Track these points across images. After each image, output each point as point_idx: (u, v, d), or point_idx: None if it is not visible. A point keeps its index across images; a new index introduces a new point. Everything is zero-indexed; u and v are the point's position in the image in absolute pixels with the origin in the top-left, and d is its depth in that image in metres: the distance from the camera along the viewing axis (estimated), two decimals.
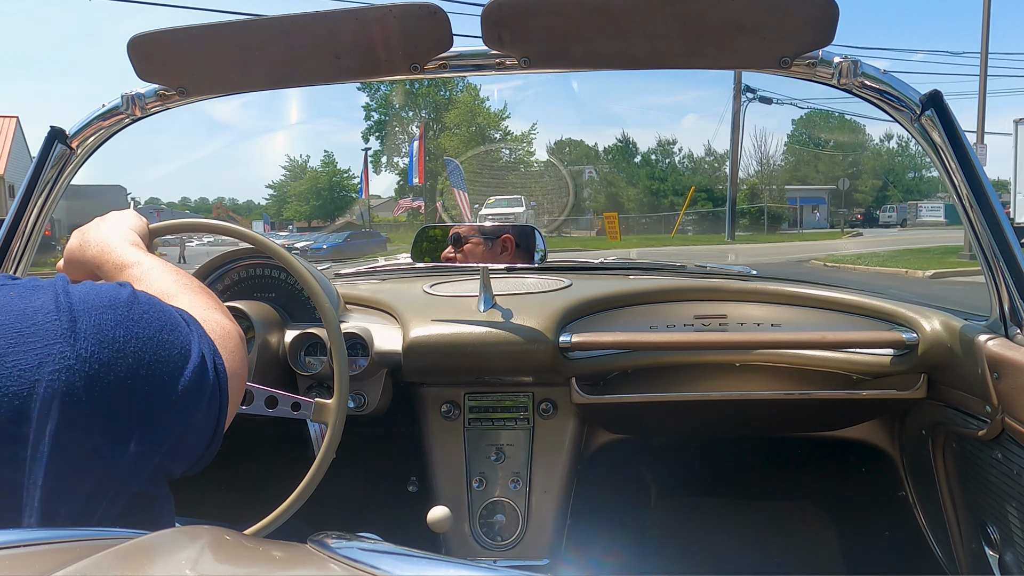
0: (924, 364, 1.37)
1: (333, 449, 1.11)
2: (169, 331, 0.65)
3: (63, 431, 0.55)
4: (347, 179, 51.81)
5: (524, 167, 41.40)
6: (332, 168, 52.19)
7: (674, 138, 47.82)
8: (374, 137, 45.18)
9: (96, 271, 0.90)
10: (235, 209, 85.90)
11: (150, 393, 0.60)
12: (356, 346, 1.46)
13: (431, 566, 0.47)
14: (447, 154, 35.99)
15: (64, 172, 1.37)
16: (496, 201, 28.55)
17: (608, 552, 1.77)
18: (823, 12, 1.09)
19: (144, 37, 1.22)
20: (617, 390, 1.58)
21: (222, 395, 0.68)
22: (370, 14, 1.16)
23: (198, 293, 0.84)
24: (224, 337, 0.74)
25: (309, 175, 52.07)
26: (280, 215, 56.03)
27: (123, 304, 0.63)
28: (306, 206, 51.71)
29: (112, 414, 0.58)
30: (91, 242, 0.93)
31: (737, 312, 1.58)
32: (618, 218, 19.85)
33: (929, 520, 1.64)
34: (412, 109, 44.12)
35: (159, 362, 0.62)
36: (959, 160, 1.15)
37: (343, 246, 28.38)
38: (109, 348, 0.59)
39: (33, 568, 0.39)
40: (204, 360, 0.66)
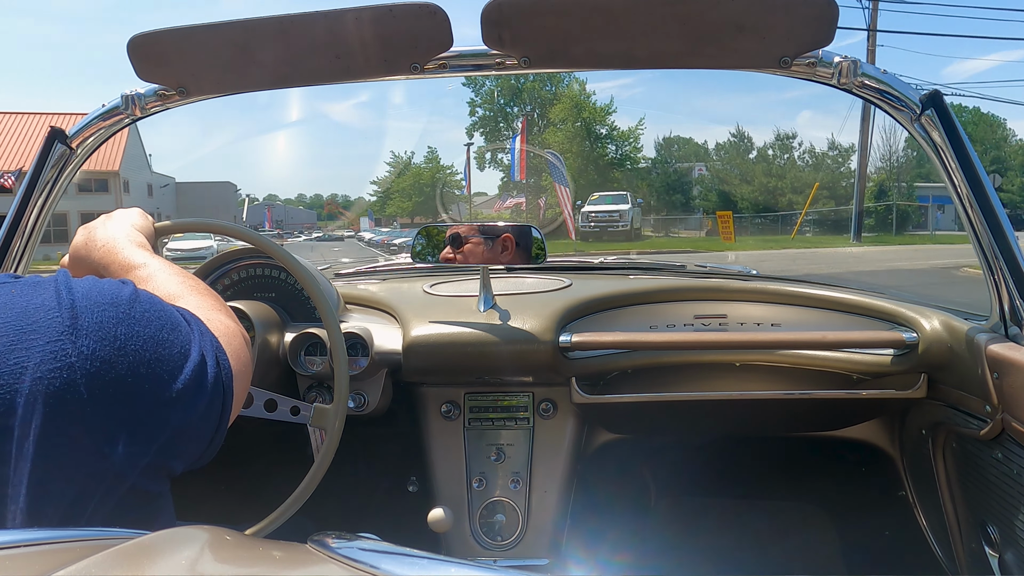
0: (924, 364, 1.37)
1: (333, 449, 1.11)
2: (170, 330, 0.65)
3: (63, 426, 0.56)
4: (450, 175, 51.08)
5: (630, 163, 39.49)
6: (435, 164, 51.55)
7: (793, 131, 44.06)
8: (479, 133, 44.38)
9: (102, 271, 0.90)
10: (345, 205, 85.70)
11: (150, 391, 0.60)
12: (356, 346, 1.46)
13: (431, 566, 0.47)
14: (551, 149, 34.89)
15: (64, 172, 1.37)
16: (600, 197, 27.07)
17: (608, 552, 1.77)
18: (823, 12, 1.09)
19: (144, 37, 1.22)
20: (617, 390, 1.58)
21: (225, 392, 0.68)
22: (370, 14, 1.16)
23: (203, 295, 0.84)
24: (228, 336, 0.74)
25: (412, 171, 51.44)
26: (383, 211, 55.81)
27: (125, 302, 0.63)
28: (408, 202, 51.10)
29: (111, 410, 0.58)
30: (98, 241, 0.92)
31: (737, 312, 1.58)
32: (732, 217, 18.33)
33: (929, 520, 1.64)
34: (517, 104, 42.98)
35: (159, 360, 0.62)
36: (959, 160, 1.15)
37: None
38: (110, 346, 0.59)
39: (33, 568, 0.39)
40: (205, 359, 0.66)
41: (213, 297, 0.85)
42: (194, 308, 0.77)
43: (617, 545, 1.80)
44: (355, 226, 58.23)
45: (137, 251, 0.90)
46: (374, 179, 57.89)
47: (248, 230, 1.17)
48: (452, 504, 1.53)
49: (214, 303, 0.83)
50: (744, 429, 1.92)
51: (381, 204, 55.96)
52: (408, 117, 74.50)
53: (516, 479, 1.55)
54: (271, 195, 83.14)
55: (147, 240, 0.96)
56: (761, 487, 2.02)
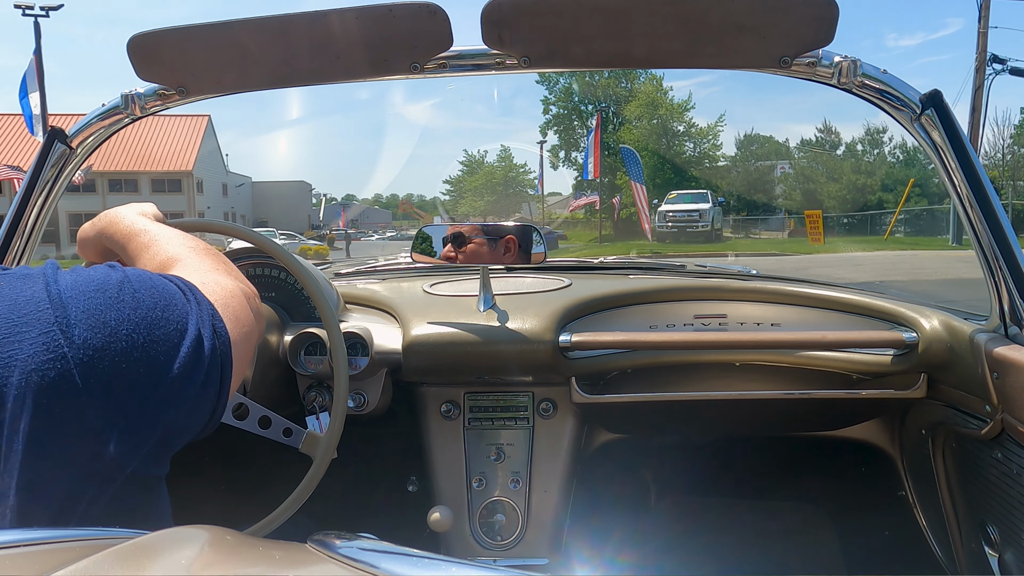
0: (924, 363, 1.37)
1: (332, 449, 1.11)
2: (163, 308, 0.64)
3: (59, 418, 0.55)
4: (523, 174, 50.09)
5: (709, 162, 37.32)
6: (508, 163, 50.54)
7: (884, 126, 39.24)
8: (552, 131, 42.74)
9: (106, 243, 0.92)
10: (420, 205, 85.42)
11: (146, 375, 0.60)
12: (356, 346, 1.46)
13: (431, 566, 0.47)
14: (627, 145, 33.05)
15: (64, 171, 1.37)
16: (679, 196, 25.72)
17: (608, 551, 1.77)
18: (823, 11, 1.09)
19: (144, 37, 1.22)
20: (617, 390, 1.58)
21: (223, 363, 0.67)
22: (370, 14, 1.16)
23: (203, 255, 0.83)
24: (226, 298, 0.73)
25: (484, 170, 50.59)
26: (456, 210, 54.79)
27: (113, 286, 0.63)
28: (480, 201, 50.01)
29: (108, 399, 0.57)
30: (102, 219, 0.94)
31: (737, 312, 1.58)
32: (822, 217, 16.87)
33: (929, 519, 1.64)
34: (591, 102, 41.23)
35: (153, 342, 0.61)
36: (959, 160, 1.15)
37: None
38: (101, 333, 0.59)
39: (33, 568, 0.39)
40: (201, 333, 0.65)
41: (213, 257, 0.84)
42: (191, 272, 0.76)
43: (617, 545, 1.80)
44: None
45: (139, 218, 0.91)
46: (447, 178, 57.01)
47: (248, 229, 1.17)
48: (452, 504, 1.53)
49: (214, 263, 0.81)
50: (744, 429, 1.92)
51: (454, 203, 54.97)
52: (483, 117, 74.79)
53: (516, 479, 1.55)
54: (349, 195, 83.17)
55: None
56: (761, 487, 2.02)
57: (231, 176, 46.14)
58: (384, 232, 57.63)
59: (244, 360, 0.72)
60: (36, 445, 0.55)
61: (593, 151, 24.52)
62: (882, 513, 1.82)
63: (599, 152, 25.04)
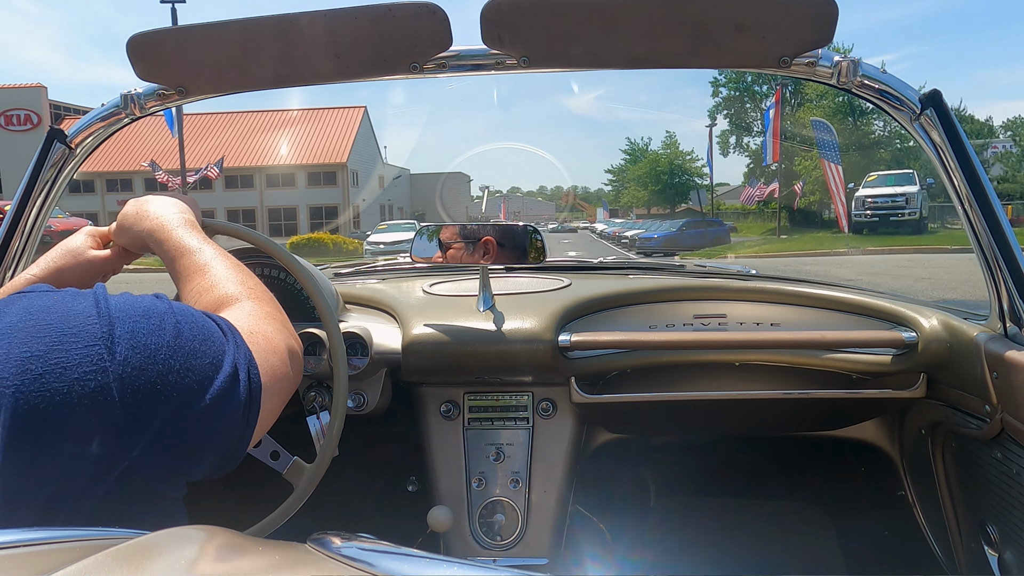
0: (923, 363, 1.37)
1: (332, 450, 1.11)
2: (202, 341, 0.67)
3: (93, 425, 0.59)
4: (689, 161, 47.12)
5: (900, 141, 34.19)
6: (674, 149, 47.72)
7: None
8: (722, 116, 40.37)
9: (152, 245, 0.94)
10: (583, 197, 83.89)
11: (177, 399, 0.63)
12: (355, 346, 1.46)
13: (431, 566, 0.47)
14: (806, 131, 29.29)
15: (63, 171, 1.37)
16: (880, 178, 22.41)
17: (607, 551, 1.77)
18: (822, 11, 1.09)
19: (143, 36, 1.22)
20: (616, 389, 1.58)
21: (251, 407, 0.69)
22: (370, 13, 1.16)
23: (259, 300, 0.85)
24: (267, 351, 0.75)
25: (649, 158, 48.19)
26: (619, 201, 52.83)
27: (157, 314, 0.66)
28: (644, 191, 47.92)
29: (139, 413, 0.61)
30: (149, 214, 0.96)
31: (736, 311, 1.58)
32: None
33: (928, 519, 1.65)
34: (766, 82, 38.13)
35: (188, 370, 0.64)
36: (958, 159, 1.15)
37: (677, 236, 24.19)
38: (141, 354, 0.62)
39: (33, 568, 0.39)
40: (237, 372, 0.68)
41: (270, 304, 0.86)
42: (243, 316, 0.78)
43: (617, 545, 1.80)
44: (591, 217, 55.44)
45: (192, 234, 0.93)
46: (609, 167, 55.19)
47: (247, 229, 1.17)
48: (452, 504, 1.54)
49: (269, 310, 0.84)
50: (744, 429, 1.92)
51: (616, 194, 52.63)
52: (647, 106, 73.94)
53: (516, 479, 1.55)
54: (513, 187, 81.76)
55: (197, 225, 0.98)
56: (761, 487, 2.02)
57: (388, 168, 45.30)
58: (546, 224, 56.11)
59: (272, 410, 0.75)
60: (68, 445, 0.58)
61: (773, 133, 22.31)
62: (882, 513, 1.82)
63: (780, 136, 22.94)
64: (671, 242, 23.59)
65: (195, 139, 36.03)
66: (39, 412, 0.57)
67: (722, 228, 26.57)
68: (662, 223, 29.37)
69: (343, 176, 36.89)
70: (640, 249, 24.05)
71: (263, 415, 0.72)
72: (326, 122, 38.73)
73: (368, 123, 41.16)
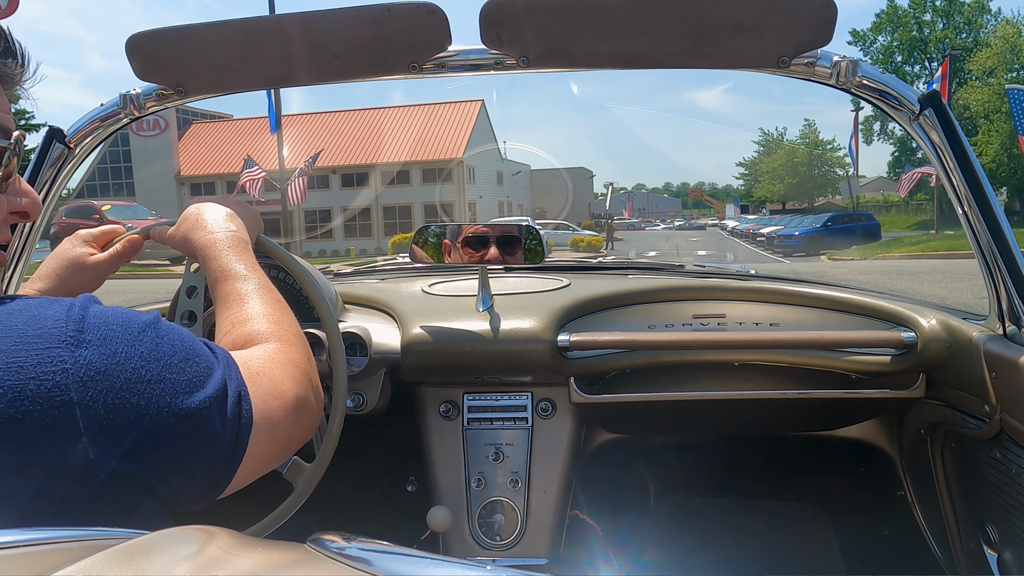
0: (923, 363, 1.37)
1: (332, 450, 1.11)
2: (183, 358, 0.65)
3: (50, 427, 0.56)
4: (830, 151, 43.54)
5: None
6: (813, 139, 43.96)
7: None
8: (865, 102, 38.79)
9: (199, 260, 0.95)
10: (711, 193, 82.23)
11: (144, 407, 0.60)
12: (354, 346, 1.46)
13: (430, 566, 0.47)
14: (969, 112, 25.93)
15: (62, 171, 1.37)
16: None
17: (606, 551, 1.77)
18: (821, 11, 1.09)
19: (142, 36, 1.22)
20: (616, 389, 1.58)
21: (237, 440, 0.67)
22: (369, 13, 1.16)
23: (289, 344, 0.83)
24: (268, 394, 0.72)
25: (784, 149, 44.79)
26: (750, 196, 49.57)
27: (136, 326, 0.64)
28: (779, 185, 44.21)
29: (99, 417, 0.58)
30: (205, 226, 0.97)
31: (736, 311, 1.58)
32: None
33: (928, 519, 1.65)
34: (918, 62, 35.57)
35: (160, 381, 0.62)
36: (957, 160, 1.15)
37: (821, 233, 21.68)
38: (108, 359, 0.60)
39: (33, 568, 0.39)
40: (224, 398, 0.66)
41: (299, 349, 0.84)
42: (257, 356, 0.76)
43: (616, 545, 1.80)
44: (720, 214, 52.88)
45: (239, 259, 0.93)
46: (740, 160, 51.24)
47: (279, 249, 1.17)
48: (451, 504, 1.54)
49: (294, 357, 0.81)
50: (743, 429, 1.92)
51: (748, 188, 49.36)
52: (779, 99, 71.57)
53: (515, 479, 1.56)
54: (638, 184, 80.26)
55: (251, 244, 1.00)
56: (760, 487, 2.02)
57: (507, 164, 43.71)
58: (672, 221, 54.51)
59: (264, 453, 0.72)
60: (19, 443, 0.56)
61: None
62: (881, 513, 1.83)
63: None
64: (815, 240, 20.88)
65: (306, 138, 35.71)
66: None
67: (872, 223, 23.21)
68: (803, 219, 26.39)
69: (459, 172, 35.96)
70: (779, 248, 21.56)
71: (253, 455, 0.69)
72: (442, 117, 37.91)
73: (486, 117, 39.92)
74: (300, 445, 0.81)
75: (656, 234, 36.49)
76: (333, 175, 36.33)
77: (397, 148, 35.68)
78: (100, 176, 39.57)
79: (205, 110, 41.82)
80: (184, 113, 39.47)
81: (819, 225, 22.48)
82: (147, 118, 16.41)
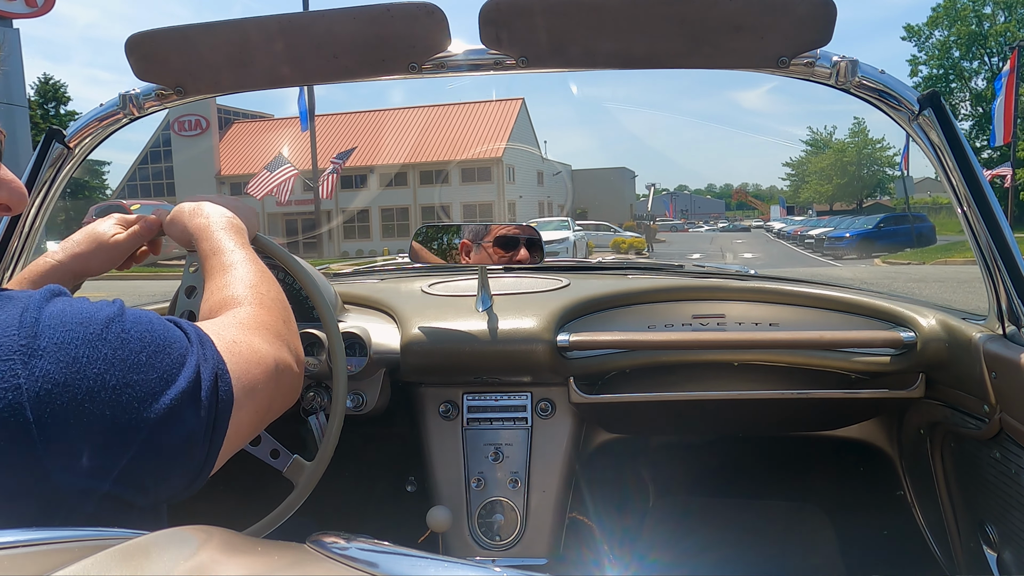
0: (922, 363, 1.37)
1: (331, 450, 1.11)
2: (152, 352, 0.60)
3: (10, 453, 0.53)
4: (880, 150, 42.39)
5: None
6: (863, 137, 42.63)
7: None
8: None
9: (195, 243, 0.96)
10: (755, 194, 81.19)
11: (111, 418, 0.56)
12: (354, 346, 1.46)
13: (430, 566, 0.47)
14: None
15: (62, 172, 1.37)
16: None
17: (606, 551, 1.77)
18: (821, 11, 1.09)
19: (142, 36, 1.22)
20: (615, 390, 1.58)
21: (216, 427, 0.64)
22: (368, 14, 1.16)
23: (265, 308, 0.81)
24: (248, 361, 0.69)
25: (834, 148, 43.52)
26: (797, 197, 48.25)
27: (98, 323, 0.59)
28: (827, 185, 42.90)
29: (61, 433, 0.54)
30: (202, 213, 0.98)
31: (735, 312, 1.58)
32: None
33: (927, 519, 1.65)
34: (976, 58, 33.16)
35: (128, 386, 0.57)
36: (957, 160, 1.15)
37: (873, 234, 20.71)
38: (67, 368, 0.55)
39: (33, 568, 0.39)
40: (197, 387, 0.62)
41: (275, 312, 0.81)
42: (230, 323, 0.74)
43: (615, 545, 1.80)
44: (765, 215, 51.53)
45: (230, 237, 0.94)
46: (787, 160, 49.69)
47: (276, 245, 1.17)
48: (451, 504, 1.54)
49: (269, 320, 0.79)
50: (742, 429, 1.93)
51: (795, 189, 48.11)
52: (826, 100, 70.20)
53: (515, 479, 1.56)
54: (681, 185, 79.56)
55: (248, 233, 1.00)
56: (759, 487, 2.02)
57: (548, 164, 42.93)
58: (715, 223, 53.64)
59: (247, 425, 0.69)
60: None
61: (1005, 105, 16.76)
62: (880, 513, 1.83)
63: (1013, 107, 17.06)
64: (867, 243, 19.81)
65: (343, 137, 35.75)
66: None
67: (927, 224, 21.84)
68: (854, 220, 25.10)
69: (498, 172, 35.49)
70: (829, 251, 20.55)
71: (235, 431, 0.66)
72: (481, 116, 37.61)
73: (526, 116, 39.30)
74: (280, 412, 0.78)
75: (699, 236, 35.61)
76: (371, 174, 36.14)
77: (436, 147, 35.54)
78: (141, 177, 39.88)
79: (246, 110, 42.13)
80: (225, 113, 39.68)
81: (871, 226, 21.36)
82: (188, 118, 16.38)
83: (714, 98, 75.90)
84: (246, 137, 39.67)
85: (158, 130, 39.06)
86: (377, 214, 35.88)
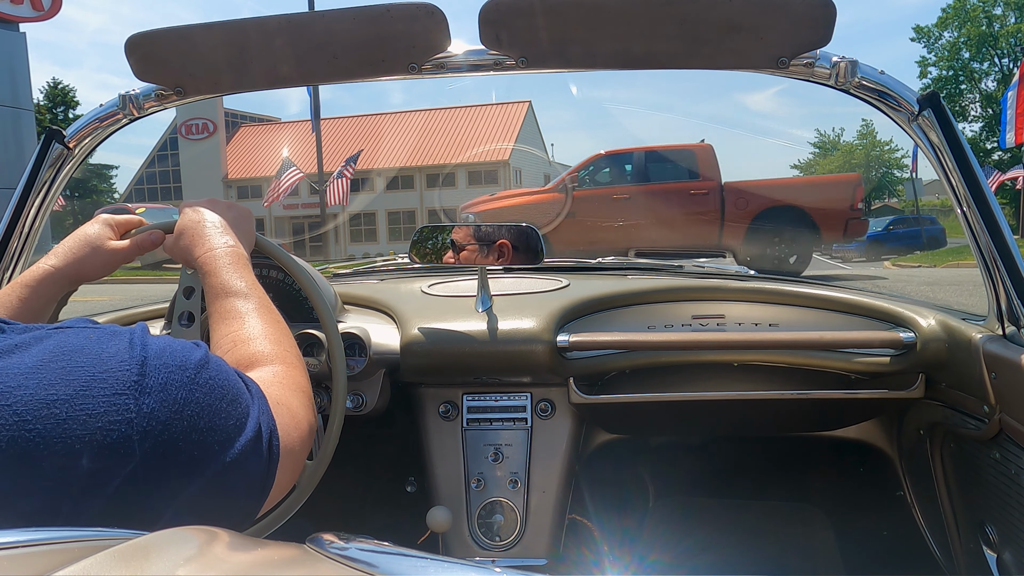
0: (922, 364, 1.37)
1: (331, 450, 1.11)
2: (230, 401, 0.66)
3: (110, 476, 0.57)
4: (888, 152, 42.43)
5: None
6: (871, 139, 42.59)
7: None
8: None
9: (200, 274, 0.95)
10: None
11: (199, 458, 0.62)
12: (354, 346, 1.46)
13: (429, 566, 0.47)
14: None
15: (61, 172, 1.37)
16: None
17: (606, 552, 1.77)
18: (820, 12, 1.09)
19: (142, 37, 1.22)
20: (615, 390, 1.58)
21: (268, 476, 0.69)
22: (368, 14, 1.16)
23: (291, 366, 0.84)
24: (289, 425, 0.74)
25: (842, 150, 43.56)
26: None
27: (192, 367, 0.65)
28: None
29: (155, 469, 0.59)
30: (205, 240, 0.97)
31: (735, 312, 1.58)
32: None
33: (927, 520, 1.65)
34: (986, 58, 33.06)
35: (212, 430, 0.63)
36: (957, 160, 1.15)
37: (883, 237, 20.42)
38: (169, 408, 0.61)
39: (33, 568, 0.39)
40: (260, 437, 0.67)
41: (300, 370, 0.85)
42: (270, 382, 0.77)
43: (615, 545, 1.80)
44: None
45: (239, 275, 0.93)
46: (795, 163, 49.27)
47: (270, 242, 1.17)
48: (450, 504, 1.53)
49: (299, 381, 0.83)
50: (742, 429, 1.93)
51: None
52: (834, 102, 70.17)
53: (514, 479, 1.55)
54: None
55: (248, 255, 1.00)
56: (759, 487, 2.02)
57: (555, 167, 41.14)
58: None
59: (285, 484, 0.74)
60: (89, 495, 0.56)
61: (1018, 103, 16.78)
62: (880, 513, 1.83)
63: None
64: (876, 245, 19.38)
65: (349, 140, 35.68)
66: (58, 456, 0.55)
67: (937, 227, 21.53)
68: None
69: (505, 175, 35.30)
70: (838, 253, 19.99)
71: (276, 487, 0.70)
72: (488, 119, 37.53)
73: (533, 118, 39.18)
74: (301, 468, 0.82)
75: None
76: (377, 177, 36.10)
77: (442, 151, 35.44)
78: (148, 180, 39.87)
79: (253, 113, 42.09)
80: (232, 116, 39.63)
81: (880, 229, 20.87)
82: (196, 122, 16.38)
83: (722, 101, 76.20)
84: (253, 140, 39.68)
85: (165, 133, 39.14)
86: (384, 217, 35.86)
